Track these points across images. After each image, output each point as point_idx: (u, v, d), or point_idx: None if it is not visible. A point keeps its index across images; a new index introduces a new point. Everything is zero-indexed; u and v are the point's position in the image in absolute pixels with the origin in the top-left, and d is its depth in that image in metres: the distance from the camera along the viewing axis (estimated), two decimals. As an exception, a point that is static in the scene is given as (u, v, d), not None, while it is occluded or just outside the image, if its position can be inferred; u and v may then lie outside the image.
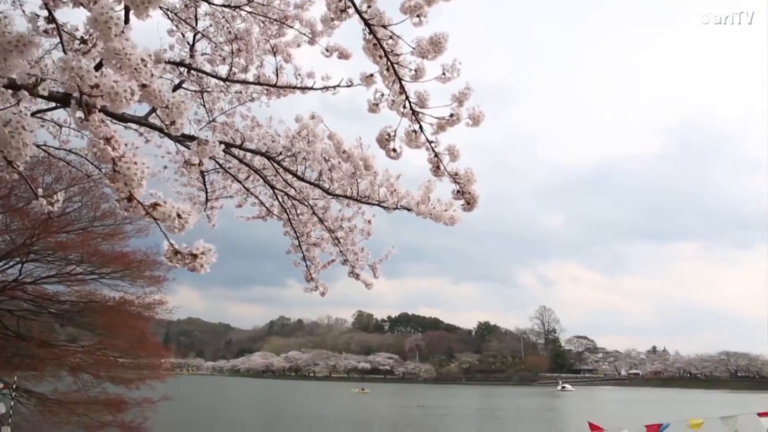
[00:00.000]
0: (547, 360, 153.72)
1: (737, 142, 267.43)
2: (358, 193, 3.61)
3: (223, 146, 4.48)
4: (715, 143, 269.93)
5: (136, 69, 1.74)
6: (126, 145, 1.79)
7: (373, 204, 3.57)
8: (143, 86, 1.82)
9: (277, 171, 4.12)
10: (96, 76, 1.67)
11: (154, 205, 1.84)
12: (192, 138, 3.96)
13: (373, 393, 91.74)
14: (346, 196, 3.69)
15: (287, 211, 4.35)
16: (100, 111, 1.73)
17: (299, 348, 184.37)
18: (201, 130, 4.18)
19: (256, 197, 4.75)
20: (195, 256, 1.93)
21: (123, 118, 3.45)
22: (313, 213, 4.16)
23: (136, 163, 1.77)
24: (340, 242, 4.05)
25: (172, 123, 1.98)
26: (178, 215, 1.85)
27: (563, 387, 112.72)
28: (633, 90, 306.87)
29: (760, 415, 7.82)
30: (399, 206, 3.42)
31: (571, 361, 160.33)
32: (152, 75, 1.82)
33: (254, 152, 4.06)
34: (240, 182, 4.63)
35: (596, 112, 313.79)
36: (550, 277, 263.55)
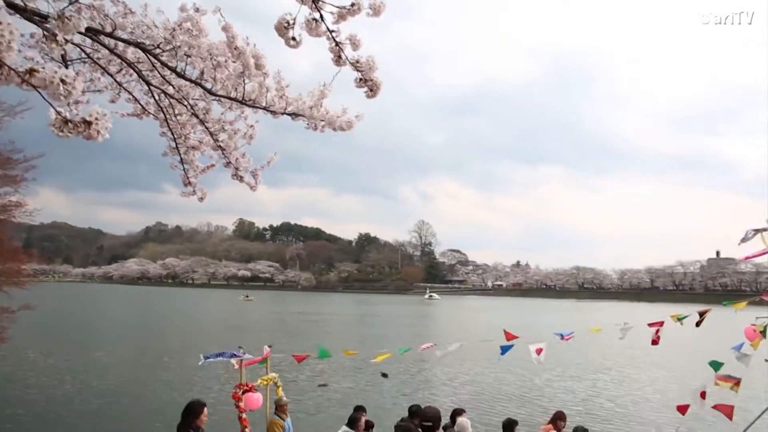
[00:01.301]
0: (421, 271, 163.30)
1: (606, 77, 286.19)
2: (243, 96, 3.44)
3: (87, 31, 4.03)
4: (587, 76, 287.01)
5: None
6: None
7: (260, 108, 3.42)
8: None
9: (153, 65, 3.80)
10: None
11: (31, 71, 1.60)
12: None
13: (256, 300, 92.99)
14: (230, 98, 3.48)
15: (164, 110, 4.06)
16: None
17: (177, 255, 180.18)
18: (63, 10, 3.69)
19: (130, 93, 4.37)
20: (89, 123, 1.74)
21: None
22: (193, 114, 3.92)
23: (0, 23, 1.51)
24: (222, 146, 3.88)
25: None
26: (62, 81, 1.62)
27: (430, 296, 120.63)
28: (518, 16, 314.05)
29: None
30: (288, 111, 3.30)
31: (443, 272, 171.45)
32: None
33: (127, 42, 3.69)
34: (111, 75, 4.21)
35: (480, 33, 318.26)
36: (429, 193, 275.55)
